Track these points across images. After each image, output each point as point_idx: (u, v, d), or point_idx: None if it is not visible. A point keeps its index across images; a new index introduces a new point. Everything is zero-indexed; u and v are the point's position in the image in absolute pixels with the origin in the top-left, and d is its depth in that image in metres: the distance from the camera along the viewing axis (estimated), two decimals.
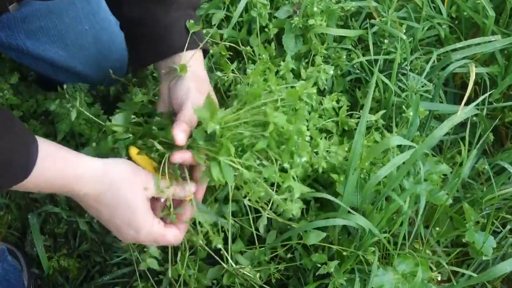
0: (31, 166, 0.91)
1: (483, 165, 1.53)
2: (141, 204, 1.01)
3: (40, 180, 0.93)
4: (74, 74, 1.50)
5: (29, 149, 0.91)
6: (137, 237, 1.04)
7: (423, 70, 1.55)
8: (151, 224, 1.03)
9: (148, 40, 1.16)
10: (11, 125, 0.92)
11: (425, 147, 1.18)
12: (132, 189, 1.00)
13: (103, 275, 1.56)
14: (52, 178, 0.95)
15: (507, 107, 1.65)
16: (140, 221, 1.01)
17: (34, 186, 0.94)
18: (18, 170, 0.90)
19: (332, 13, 1.50)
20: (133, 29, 1.19)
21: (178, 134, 1.02)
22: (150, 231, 1.03)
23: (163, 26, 1.14)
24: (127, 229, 1.02)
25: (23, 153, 0.90)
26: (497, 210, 1.42)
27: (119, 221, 1.02)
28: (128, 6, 1.16)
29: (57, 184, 0.96)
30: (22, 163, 0.90)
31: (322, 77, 1.36)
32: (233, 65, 1.35)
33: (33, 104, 1.57)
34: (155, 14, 1.14)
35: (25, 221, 1.60)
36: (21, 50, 1.41)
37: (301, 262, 1.30)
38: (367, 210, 1.26)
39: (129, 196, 1.00)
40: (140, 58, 1.21)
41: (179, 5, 1.15)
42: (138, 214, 1.01)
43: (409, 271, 1.24)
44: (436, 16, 1.68)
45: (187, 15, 1.16)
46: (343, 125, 1.38)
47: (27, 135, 0.93)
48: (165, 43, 1.14)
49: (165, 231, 1.06)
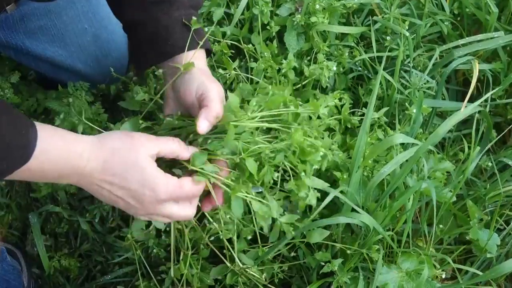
0: (32, 148, 0.90)
1: (486, 162, 1.53)
2: (147, 163, 0.98)
3: (43, 161, 0.92)
4: (74, 73, 1.49)
5: (28, 131, 0.90)
6: (156, 196, 0.99)
7: (426, 67, 1.55)
8: (164, 178, 0.99)
9: (151, 41, 1.16)
10: (7, 111, 0.91)
11: (428, 144, 1.17)
12: (133, 150, 0.98)
13: (104, 274, 1.56)
14: (55, 158, 0.93)
15: (509, 104, 1.65)
16: (152, 177, 0.98)
17: (38, 169, 0.92)
18: (19, 153, 0.89)
19: (334, 11, 1.50)
20: (135, 31, 1.19)
21: (202, 122, 1.02)
22: (166, 185, 0.99)
23: (164, 27, 1.14)
24: (142, 191, 0.99)
25: (23, 136, 0.89)
26: (501, 207, 1.41)
27: (133, 186, 0.99)
28: (129, 8, 1.17)
29: (61, 164, 0.94)
30: (23, 145, 0.89)
31: (325, 74, 1.35)
32: (235, 63, 1.34)
33: (34, 103, 1.57)
34: (156, 15, 1.14)
35: (26, 220, 1.60)
36: (20, 49, 1.40)
37: (305, 260, 1.30)
38: (371, 208, 1.25)
39: (133, 157, 0.97)
40: (144, 59, 1.21)
41: (180, 4, 1.15)
42: (147, 172, 0.98)
43: (413, 269, 1.24)
44: (438, 12, 1.67)
45: (189, 15, 1.16)
46: (345, 123, 1.37)
47: (25, 119, 0.92)
48: (168, 43, 1.14)
49: (181, 181, 1.02)
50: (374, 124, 1.39)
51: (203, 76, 1.11)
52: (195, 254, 1.31)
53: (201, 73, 1.12)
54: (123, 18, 1.22)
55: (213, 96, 1.06)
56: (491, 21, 1.58)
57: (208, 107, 1.04)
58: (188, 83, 1.11)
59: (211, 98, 1.06)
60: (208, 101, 1.06)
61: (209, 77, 1.13)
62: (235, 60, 1.41)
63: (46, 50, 1.41)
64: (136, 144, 0.98)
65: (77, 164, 0.95)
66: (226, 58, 1.37)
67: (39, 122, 1.48)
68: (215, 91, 1.08)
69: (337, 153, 1.29)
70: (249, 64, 1.39)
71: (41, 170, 0.93)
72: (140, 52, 1.21)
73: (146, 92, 1.27)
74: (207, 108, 1.04)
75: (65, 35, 1.41)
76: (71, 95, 1.46)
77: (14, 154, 0.89)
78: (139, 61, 1.23)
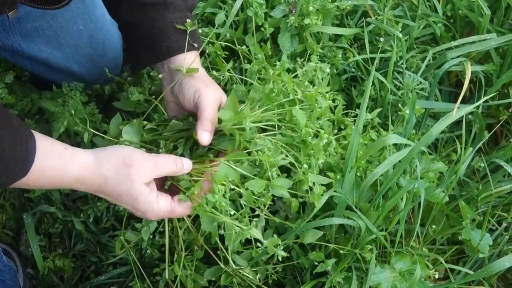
0: (30, 162, 0.92)
1: (478, 163, 1.54)
2: (140, 191, 1.01)
3: (39, 176, 0.95)
4: (69, 74, 1.49)
5: (28, 144, 0.92)
6: (145, 216, 1.06)
7: (419, 68, 1.55)
8: (156, 205, 1.04)
9: (145, 42, 1.18)
10: (7, 122, 0.92)
11: (421, 145, 1.18)
12: (127, 181, 1.00)
13: (98, 275, 1.56)
14: (51, 176, 0.97)
15: (502, 105, 1.66)
16: (144, 204, 1.03)
17: (34, 183, 0.96)
18: (19, 167, 0.91)
19: (327, 12, 1.50)
20: (131, 32, 1.21)
21: (202, 134, 1.06)
22: (157, 211, 1.04)
23: (159, 28, 1.16)
24: (134, 211, 1.05)
25: (22, 150, 0.91)
26: (493, 207, 1.42)
27: (125, 205, 1.04)
28: (125, 9, 1.18)
29: (57, 182, 0.98)
30: (22, 159, 0.91)
31: (319, 75, 1.36)
32: (229, 64, 1.34)
33: (28, 103, 1.57)
34: (151, 16, 1.16)
35: (20, 221, 1.60)
36: (15, 51, 1.40)
37: (298, 261, 1.30)
38: (364, 208, 1.26)
39: (126, 189, 1.01)
40: (138, 60, 1.22)
41: (175, 7, 1.17)
42: (140, 201, 1.02)
43: (407, 269, 1.24)
44: (431, 14, 1.68)
45: (184, 17, 1.17)
46: (339, 124, 1.37)
47: (24, 131, 0.93)
48: (163, 45, 1.16)
49: (172, 207, 1.06)
50: (368, 125, 1.39)
51: (198, 81, 1.13)
52: (189, 255, 1.31)
53: (197, 78, 1.14)
54: (119, 18, 1.23)
55: (206, 104, 1.09)
56: (484, 23, 1.59)
57: (201, 119, 1.07)
58: (185, 91, 1.13)
59: (204, 106, 1.09)
60: (202, 111, 1.08)
61: (204, 81, 1.15)
62: (230, 61, 1.42)
63: (42, 51, 1.41)
64: (132, 174, 1.00)
65: (72, 185, 1.00)
66: (220, 59, 1.37)
67: (33, 121, 1.50)
68: (210, 97, 1.10)
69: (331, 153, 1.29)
70: (243, 65, 1.40)
71: (37, 184, 0.97)
72: (134, 53, 1.23)
73: (141, 92, 1.28)
74: (200, 119, 1.07)
75: (60, 36, 1.41)
76: (66, 95, 1.46)
77: (13, 168, 0.91)
78: (134, 61, 1.25)
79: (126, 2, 1.17)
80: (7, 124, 0.91)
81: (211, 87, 1.12)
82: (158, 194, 1.05)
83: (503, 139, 1.69)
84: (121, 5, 1.18)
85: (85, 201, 1.57)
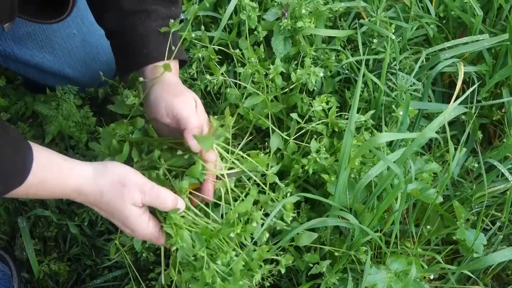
0: (26, 173, 0.93)
1: (472, 163, 1.54)
2: (131, 212, 1.04)
3: (39, 188, 0.96)
4: (62, 78, 1.49)
5: (25, 155, 0.93)
6: (134, 235, 1.08)
7: (412, 69, 1.56)
8: (145, 227, 1.06)
9: (126, 49, 1.19)
10: (4, 134, 0.92)
11: (415, 146, 1.18)
12: (119, 198, 1.03)
13: (94, 278, 1.56)
14: (50, 185, 0.98)
15: (495, 105, 1.66)
16: (134, 224, 1.05)
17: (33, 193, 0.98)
18: (15, 176, 0.92)
19: (320, 15, 1.50)
20: (115, 39, 1.22)
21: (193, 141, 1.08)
22: (144, 234, 1.07)
23: (140, 36, 1.16)
24: (123, 228, 1.08)
25: (20, 159, 0.92)
26: (486, 207, 1.43)
27: (116, 222, 1.07)
28: (109, 16, 1.19)
29: (55, 191, 1.00)
30: (19, 169, 0.92)
31: (312, 79, 1.36)
32: (222, 68, 1.34)
33: (22, 107, 1.57)
34: (133, 24, 1.17)
35: (14, 225, 1.59)
36: (8, 56, 1.40)
37: (294, 263, 1.30)
38: (359, 209, 1.26)
39: (118, 206, 1.03)
40: (121, 66, 1.24)
41: (157, 15, 1.18)
42: (131, 220, 1.04)
43: (402, 269, 1.25)
44: (424, 15, 1.69)
45: (166, 25, 1.18)
46: (332, 126, 1.38)
47: (22, 143, 0.94)
48: (142, 52, 1.16)
49: (159, 234, 1.08)
50: (361, 127, 1.40)
51: (167, 93, 1.13)
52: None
53: (166, 89, 1.14)
54: (103, 25, 1.24)
55: (185, 114, 1.09)
56: (476, 23, 1.60)
57: (188, 128, 1.09)
58: (156, 107, 1.14)
59: (183, 117, 1.09)
60: (184, 122, 1.09)
61: (174, 91, 1.14)
62: (223, 64, 1.42)
63: (35, 56, 1.41)
64: (125, 194, 1.02)
65: (70, 195, 1.02)
66: (213, 63, 1.37)
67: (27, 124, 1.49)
68: (185, 106, 1.10)
69: (324, 156, 1.30)
70: (236, 69, 1.40)
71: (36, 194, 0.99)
72: (118, 59, 1.24)
73: (135, 96, 1.28)
74: (187, 129, 1.09)
75: (53, 40, 1.41)
76: (60, 99, 1.46)
77: (11, 177, 0.92)
78: (118, 67, 1.26)
79: (109, 9, 1.17)
80: (5, 135, 0.93)
81: (181, 96, 1.12)
82: (150, 217, 1.07)
83: (496, 139, 1.70)
84: (104, 11, 1.19)
85: (80, 205, 1.57)
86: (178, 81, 1.19)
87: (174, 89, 1.15)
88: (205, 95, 1.49)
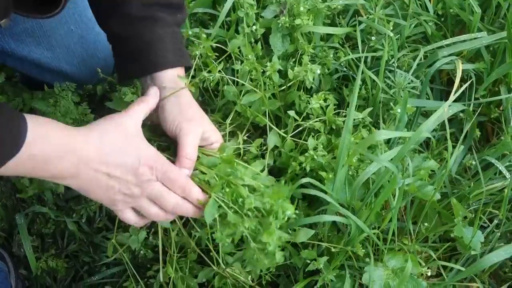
0: (22, 138, 0.91)
1: (470, 161, 1.54)
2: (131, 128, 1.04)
3: (43, 148, 0.93)
4: (60, 74, 1.49)
5: (19, 123, 0.91)
6: (138, 166, 1.03)
7: (410, 67, 1.56)
8: (147, 145, 1.05)
9: (132, 55, 1.18)
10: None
11: (412, 143, 1.18)
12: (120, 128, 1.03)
13: (92, 275, 1.56)
14: (55, 140, 0.95)
15: (492, 103, 1.67)
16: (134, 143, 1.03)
17: (40, 156, 0.94)
18: (9, 144, 0.90)
19: (318, 12, 1.50)
20: (119, 44, 1.21)
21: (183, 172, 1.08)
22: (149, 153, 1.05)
23: (147, 42, 1.16)
24: (123, 157, 1.02)
25: (14, 128, 0.90)
26: (484, 205, 1.43)
27: (129, 159, 1.02)
28: (114, 21, 1.18)
29: (63, 148, 0.96)
30: (12, 136, 0.90)
31: (309, 77, 1.36)
32: (220, 65, 1.34)
33: (19, 103, 1.56)
34: (140, 30, 1.16)
35: (12, 221, 1.59)
36: (6, 52, 1.40)
37: (291, 260, 1.31)
38: (357, 206, 1.26)
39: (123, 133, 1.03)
40: (125, 72, 1.23)
41: (164, 22, 1.17)
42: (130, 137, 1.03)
43: (399, 266, 1.25)
44: (422, 13, 1.69)
45: (172, 33, 1.18)
46: (330, 124, 1.38)
47: (15, 112, 0.93)
48: (149, 58, 1.16)
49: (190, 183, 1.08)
50: (359, 124, 1.40)
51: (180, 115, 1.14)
52: (183, 256, 1.31)
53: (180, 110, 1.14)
54: (108, 30, 1.23)
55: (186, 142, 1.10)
56: (475, 21, 1.60)
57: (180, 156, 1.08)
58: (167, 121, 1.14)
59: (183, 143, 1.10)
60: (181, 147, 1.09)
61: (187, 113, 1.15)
62: (221, 61, 1.42)
63: (32, 52, 1.41)
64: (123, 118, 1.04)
65: (76, 144, 0.98)
66: (211, 61, 1.37)
67: None
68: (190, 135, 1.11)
69: (321, 153, 1.30)
70: (234, 66, 1.40)
71: (33, 161, 0.94)
72: (122, 65, 1.23)
73: (134, 93, 1.28)
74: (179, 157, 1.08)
75: (51, 37, 1.41)
76: (57, 95, 1.46)
77: (2, 148, 0.89)
78: (121, 73, 1.25)
79: (115, 14, 1.16)
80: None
81: (193, 123, 1.12)
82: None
83: (494, 136, 1.70)
84: (110, 17, 1.18)
85: (78, 202, 1.57)
86: (192, 101, 1.19)
87: (188, 112, 1.15)
88: (203, 92, 1.49)
